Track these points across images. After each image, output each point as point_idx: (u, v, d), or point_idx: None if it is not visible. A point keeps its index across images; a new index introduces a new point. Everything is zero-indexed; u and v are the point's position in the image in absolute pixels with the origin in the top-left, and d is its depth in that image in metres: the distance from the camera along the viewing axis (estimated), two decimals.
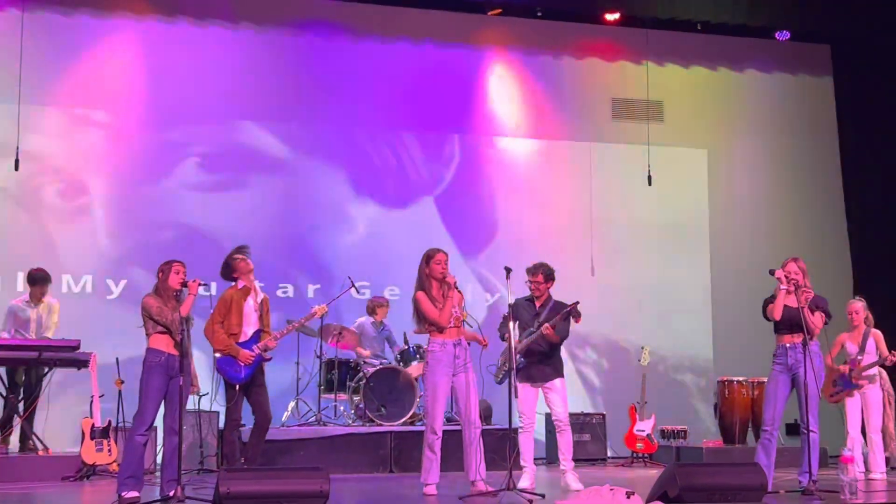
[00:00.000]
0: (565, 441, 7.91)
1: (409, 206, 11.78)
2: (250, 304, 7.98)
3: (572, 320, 7.88)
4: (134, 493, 6.44)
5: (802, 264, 7.35)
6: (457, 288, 7.13)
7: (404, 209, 11.75)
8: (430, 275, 7.14)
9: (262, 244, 10.36)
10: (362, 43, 11.69)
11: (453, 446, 7.69)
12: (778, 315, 7.27)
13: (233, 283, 8.00)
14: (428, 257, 7.21)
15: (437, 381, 7.04)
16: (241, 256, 8.05)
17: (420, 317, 7.17)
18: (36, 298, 9.33)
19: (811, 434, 7.10)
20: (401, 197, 11.76)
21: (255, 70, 11.34)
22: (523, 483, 7.54)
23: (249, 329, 7.95)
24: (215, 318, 7.88)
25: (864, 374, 8.83)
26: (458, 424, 7.29)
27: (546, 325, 7.76)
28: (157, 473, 7.69)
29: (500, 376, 8.06)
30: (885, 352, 8.85)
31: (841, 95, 12.98)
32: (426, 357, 7.19)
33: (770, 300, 7.36)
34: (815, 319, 7.28)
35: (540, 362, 7.89)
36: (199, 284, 6.70)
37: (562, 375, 7.95)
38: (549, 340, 7.81)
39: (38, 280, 9.35)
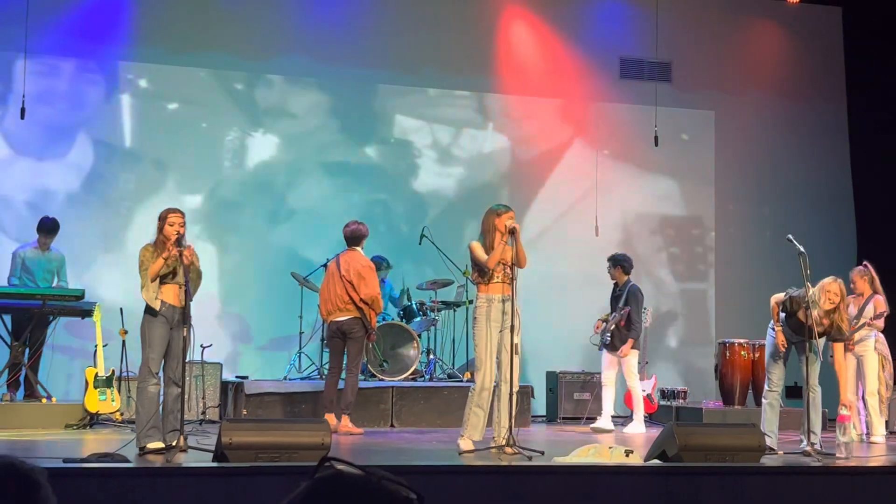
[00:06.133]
0: (632, 397, 9.53)
1: (410, 164, 11.78)
2: None
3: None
4: (158, 444, 6.49)
5: (842, 286, 7.38)
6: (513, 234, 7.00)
7: (406, 168, 11.76)
8: (496, 228, 7.04)
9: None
10: None
11: (457, 401, 7.72)
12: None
13: (355, 249, 8.70)
14: (497, 213, 7.12)
15: (483, 336, 6.96)
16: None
17: (472, 263, 7.14)
18: (45, 246, 9.34)
19: (811, 394, 7.18)
20: (399, 154, 11.74)
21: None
22: (597, 424, 9.36)
23: None
24: (377, 283, 8.71)
25: (853, 337, 8.83)
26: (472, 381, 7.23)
27: (620, 350, 9.41)
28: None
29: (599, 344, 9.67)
30: (880, 314, 8.84)
31: (851, 59, 12.89)
32: (475, 313, 7.08)
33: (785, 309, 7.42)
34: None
35: (616, 338, 9.40)
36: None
37: (634, 347, 9.45)
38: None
39: (51, 228, 9.34)
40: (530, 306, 11.45)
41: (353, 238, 8.74)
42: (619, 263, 9.61)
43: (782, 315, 7.44)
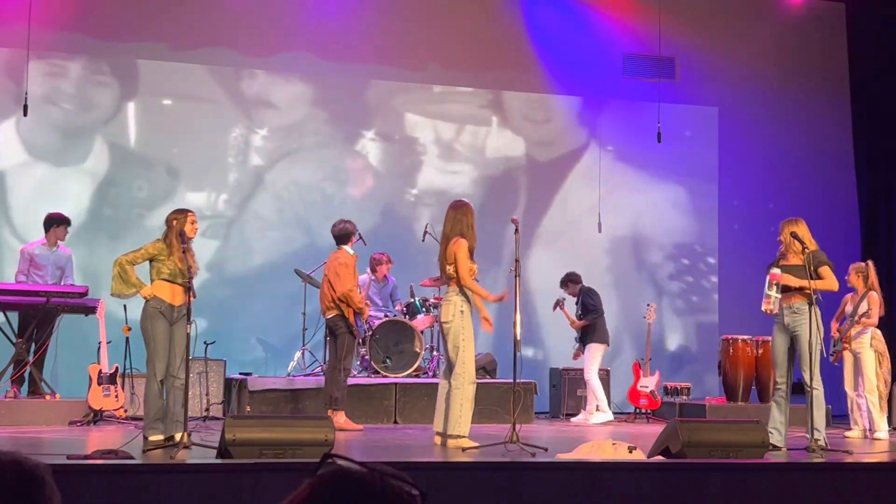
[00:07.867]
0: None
1: (415, 160, 11.77)
2: None
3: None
4: (160, 436, 6.64)
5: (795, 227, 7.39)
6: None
7: (410, 164, 11.75)
8: (472, 227, 7.09)
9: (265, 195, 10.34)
10: None
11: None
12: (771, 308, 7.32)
13: (342, 248, 8.76)
14: (471, 209, 7.15)
15: (470, 330, 7.02)
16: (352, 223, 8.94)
17: (457, 263, 7.01)
18: (52, 242, 9.34)
19: (813, 391, 7.16)
20: (403, 150, 11.74)
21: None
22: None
23: None
24: (352, 280, 8.67)
25: (846, 334, 8.80)
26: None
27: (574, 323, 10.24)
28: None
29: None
30: (866, 311, 8.80)
31: (854, 55, 12.87)
32: (460, 307, 7.01)
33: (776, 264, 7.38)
34: (825, 278, 7.28)
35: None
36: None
37: (591, 342, 10.07)
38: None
39: (58, 223, 9.34)
40: (534, 303, 11.49)
41: (341, 236, 8.89)
42: (565, 282, 10.29)
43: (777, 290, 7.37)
